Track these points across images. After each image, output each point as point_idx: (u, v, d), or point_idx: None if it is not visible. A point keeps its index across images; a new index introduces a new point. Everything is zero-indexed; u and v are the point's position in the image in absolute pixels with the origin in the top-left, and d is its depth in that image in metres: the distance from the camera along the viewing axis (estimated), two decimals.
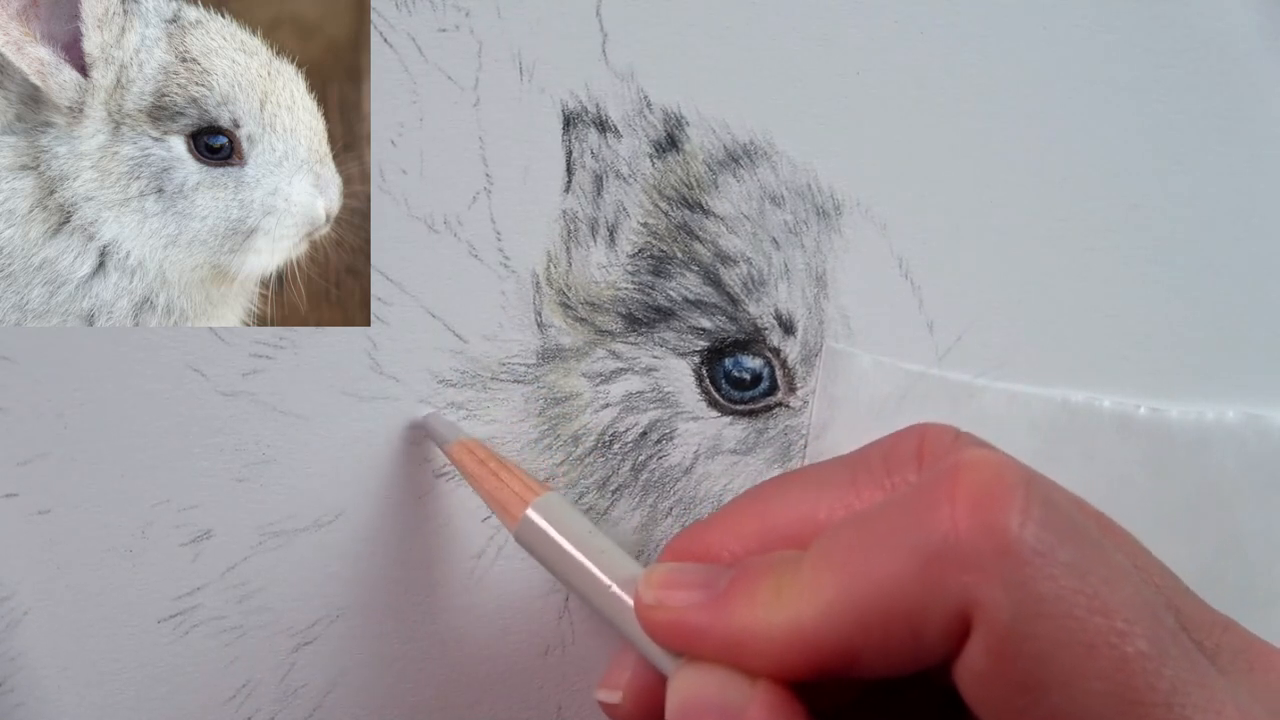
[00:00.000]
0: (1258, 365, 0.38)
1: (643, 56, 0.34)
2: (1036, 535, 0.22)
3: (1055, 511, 0.22)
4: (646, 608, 0.26)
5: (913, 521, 0.23)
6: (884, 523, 0.23)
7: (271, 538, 0.32)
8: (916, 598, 0.22)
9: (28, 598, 0.31)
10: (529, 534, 0.28)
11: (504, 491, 0.29)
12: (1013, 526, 0.22)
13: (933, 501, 0.23)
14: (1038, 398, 0.37)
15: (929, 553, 0.22)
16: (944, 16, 0.36)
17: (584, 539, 0.28)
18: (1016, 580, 0.21)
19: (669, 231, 0.34)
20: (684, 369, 0.35)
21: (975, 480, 0.22)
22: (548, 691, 0.35)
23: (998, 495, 0.22)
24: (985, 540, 0.22)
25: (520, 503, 0.29)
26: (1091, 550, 0.22)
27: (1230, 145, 0.38)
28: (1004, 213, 0.37)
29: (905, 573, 0.22)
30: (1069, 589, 0.22)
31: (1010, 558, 0.22)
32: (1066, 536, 0.22)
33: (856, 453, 0.28)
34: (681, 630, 0.25)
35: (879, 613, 0.23)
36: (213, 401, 0.32)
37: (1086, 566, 0.22)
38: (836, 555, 0.24)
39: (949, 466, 0.23)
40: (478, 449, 0.31)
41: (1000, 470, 0.23)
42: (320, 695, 0.33)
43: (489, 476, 0.30)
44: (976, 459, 0.23)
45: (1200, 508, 0.37)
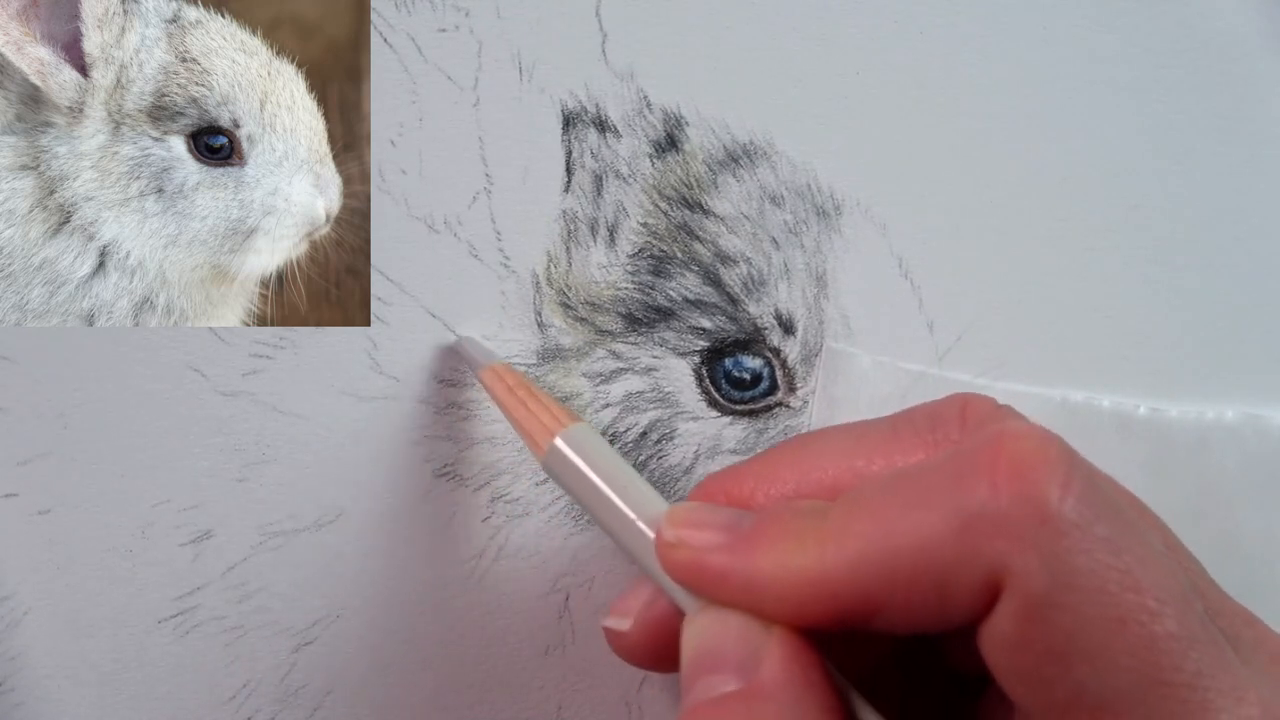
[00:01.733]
0: (1257, 365, 0.38)
1: (642, 56, 0.34)
2: (1075, 509, 0.22)
3: (1095, 488, 0.22)
4: (667, 545, 0.25)
5: (952, 483, 0.23)
6: (922, 482, 0.23)
7: (272, 538, 0.33)
8: (948, 557, 0.22)
9: (28, 598, 0.31)
10: (556, 463, 0.28)
11: (532, 421, 0.29)
12: (1052, 498, 0.22)
13: (975, 466, 0.23)
14: (1037, 397, 0.37)
15: (966, 515, 0.22)
16: (944, 16, 0.36)
17: (611, 472, 0.27)
18: (1052, 551, 0.22)
19: (669, 231, 0.34)
20: (684, 369, 0.35)
21: (1019, 450, 0.23)
22: (548, 691, 0.35)
23: (1040, 466, 0.22)
24: (1024, 509, 0.22)
25: (547, 433, 0.28)
26: (1127, 529, 0.22)
27: (1230, 145, 0.38)
28: (1004, 213, 0.37)
29: (939, 532, 0.22)
30: (1103, 564, 0.22)
31: (1048, 528, 0.22)
32: (1104, 513, 0.22)
33: (900, 412, 0.27)
34: (701, 570, 0.25)
35: (907, 568, 0.23)
36: (213, 401, 0.32)
37: (1122, 544, 0.22)
38: (867, 509, 0.24)
39: (993, 434, 0.23)
40: (508, 375, 0.30)
41: (1044, 443, 0.23)
42: (320, 695, 0.33)
43: (518, 405, 0.29)
44: (1022, 429, 0.23)
45: (1200, 507, 0.37)
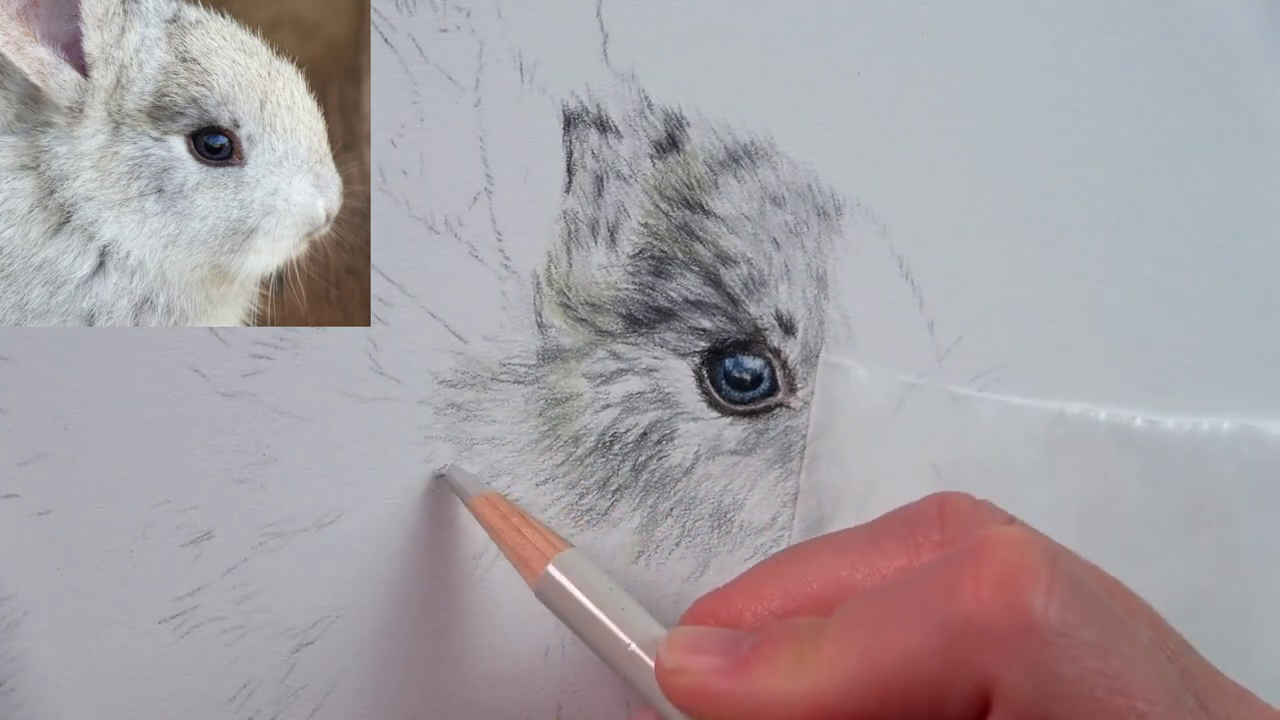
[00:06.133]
0: (1253, 376, 0.39)
1: (643, 57, 0.34)
2: (1060, 615, 0.22)
3: (1079, 591, 0.22)
4: (668, 672, 0.25)
5: (936, 596, 0.23)
6: (907, 596, 0.23)
7: (272, 538, 0.33)
8: (937, 673, 0.22)
9: (28, 598, 0.31)
10: (549, 590, 0.28)
11: (526, 547, 0.29)
12: (1036, 606, 0.22)
13: (957, 577, 0.23)
14: (1034, 409, 0.37)
15: (952, 629, 0.22)
16: (944, 17, 0.36)
17: (605, 597, 0.28)
18: (1038, 661, 0.22)
19: (670, 232, 0.34)
20: (684, 369, 0.35)
21: (1000, 558, 0.22)
22: (548, 691, 0.35)
23: (1022, 574, 0.22)
24: (1008, 619, 0.22)
25: (542, 558, 0.29)
26: (1114, 629, 0.22)
27: (1230, 149, 0.38)
28: (1004, 213, 0.37)
29: (927, 648, 0.22)
30: (1091, 670, 0.22)
31: (1032, 638, 0.22)
32: (1090, 616, 0.22)
33: (878, 520, 0.28)
34: (702, 695, 0.25)
35: (899, 686, 0.23)
36: (213, 402, 0.32)
37: (1109, 646, 0.22)
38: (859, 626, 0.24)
39: (975, 542, 0.23)
40: (500, 503, 0.31)
41: (1025, 548, 0.23)
42: (321, 696, 0.33)
43: (511, 531, 0.30)
44: (1002, 536, 0.23)
45: (1196, 519, 0.37)
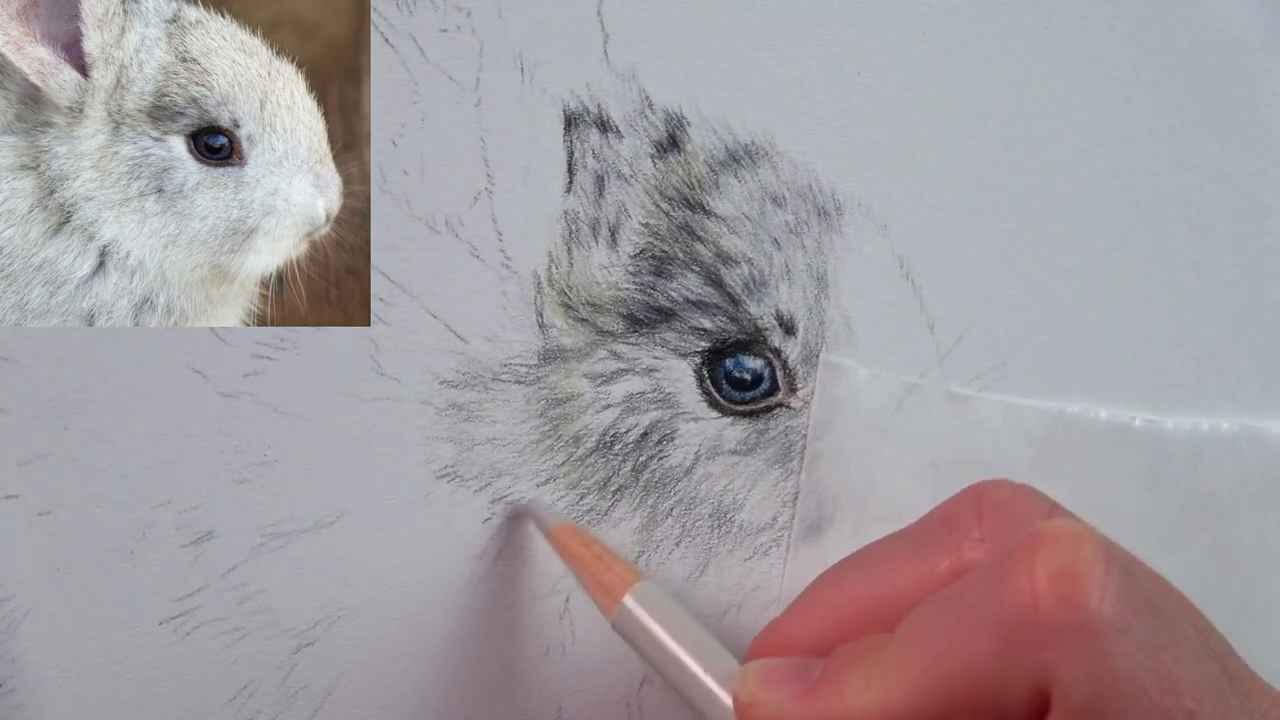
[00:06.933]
0: (1253, 376, 0.39)
1: (644, 57, 0.34)
2: (1115, 611, 0.22)
3: (1132, 585, 0.22)
4: (746, 705, 0.26)
5: (992, 597, 0.23)
6: (964, 601, 0.23)
7: (272, 539, 0.33)
8: (998, 675, 0.22)
9: (28, 599, 0.31)
10: (625, 622, 0.29)
11: (609, 575, 0.30)
12: (1092, 602, 0.22)
13: (1011, 576, 0.23)
14: (1034, 409, 0.37)
15: (1009, 629, 0.22)
16: (944, 16, 0.36)
17: (680, 630, 0.28)
18: (1095, 657, 0.22)
19: (670, 232, 0.34)
20: (685, 370, 0.35)
21: (1054, 553, 0.22)
22: (548, 692, 0.35)
23: (1077, 569, 0.22)
24: (1065, 615, 0.22)
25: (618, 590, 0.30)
26: (1163, 626, 0.22)
27: (1231, 148, 0.38)
28: (1005, 213, 0.37)
29: (986, 650, 0.22)
30: (1144, 667, 0.22)
31: (1089, 634, 0.22)
32: (1142, 612, 0.22)
33: (916, 524, 0.28)
34: None
35: (963, 692, 0.23)
36: (213, 402, 0.32)
37: (1159, 643, 0.22)
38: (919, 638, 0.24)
39: (1027, 538, 0.23)
40: (580, 533, 0.32)
41: (1078, 543, 0.23)
42: (321, 696, 0.33)
43: (593, 560, 0.31)
44: (1054, 531, 0.23)
45: (1196, 519, 0.37)
